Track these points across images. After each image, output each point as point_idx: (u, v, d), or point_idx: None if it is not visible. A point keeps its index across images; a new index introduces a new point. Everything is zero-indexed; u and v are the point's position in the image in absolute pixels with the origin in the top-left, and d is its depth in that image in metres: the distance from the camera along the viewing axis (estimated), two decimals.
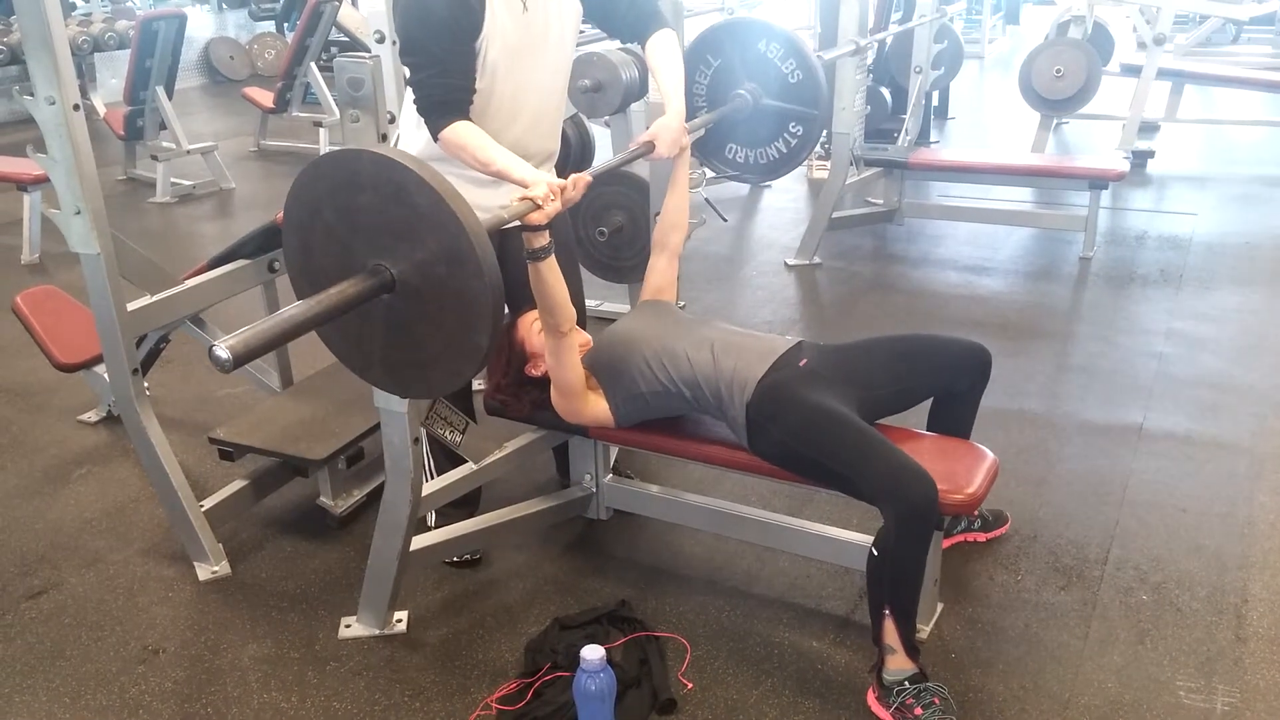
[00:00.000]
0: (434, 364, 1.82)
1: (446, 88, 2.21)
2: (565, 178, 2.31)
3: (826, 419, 2.16)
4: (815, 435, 2.16)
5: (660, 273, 2.64)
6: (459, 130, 2.22)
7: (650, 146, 2.47)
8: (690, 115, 2.85)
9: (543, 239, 2.12)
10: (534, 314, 2.43)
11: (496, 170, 2.22)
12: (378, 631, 2.39)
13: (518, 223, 2.10)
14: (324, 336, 1.89)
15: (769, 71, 2.88)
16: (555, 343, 2.27)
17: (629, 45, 3.52)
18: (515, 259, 2.32)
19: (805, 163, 4.62)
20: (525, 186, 2.10)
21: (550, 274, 2.18)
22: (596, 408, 2.37)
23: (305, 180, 1.78)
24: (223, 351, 1.51)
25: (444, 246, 1.66)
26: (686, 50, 2.96)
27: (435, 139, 2.24)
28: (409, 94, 2.30)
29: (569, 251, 2.77)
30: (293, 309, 1.64)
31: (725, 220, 4.89)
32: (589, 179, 2.20)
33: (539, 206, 2.05)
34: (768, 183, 6.01)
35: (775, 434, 2.21)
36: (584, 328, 2.54)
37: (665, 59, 2.51)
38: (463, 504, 2.62)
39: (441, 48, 2.18)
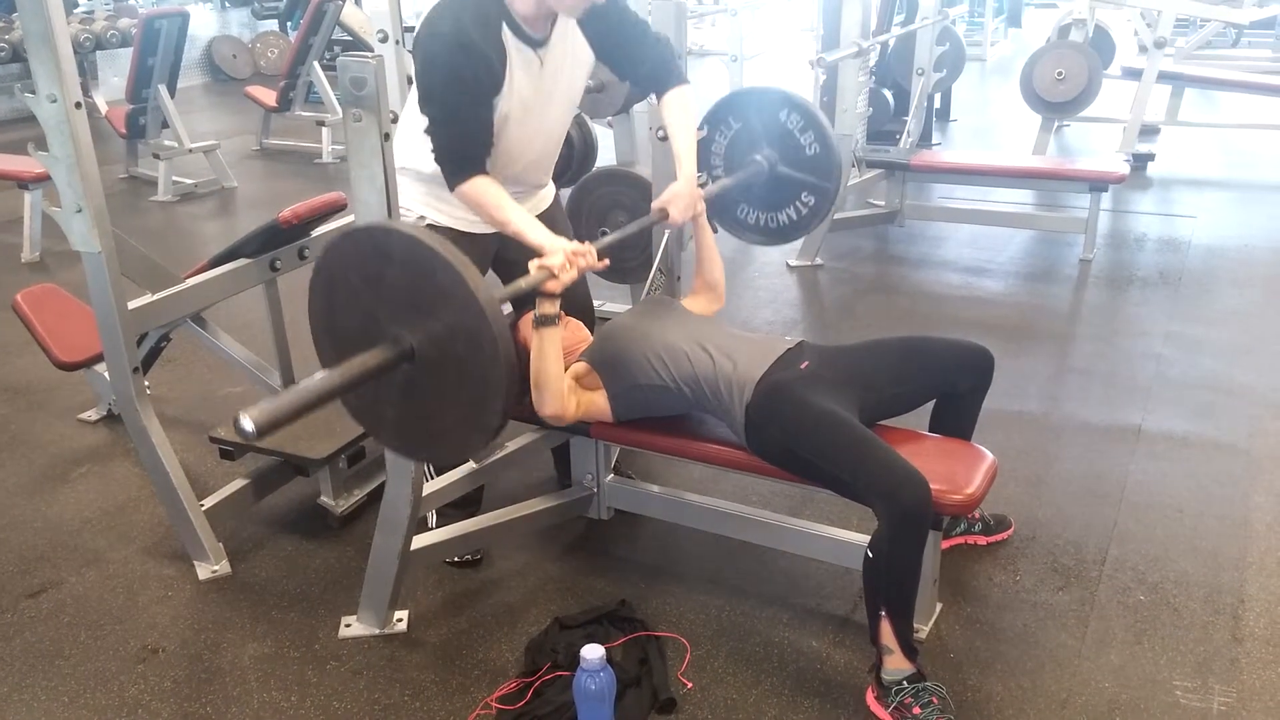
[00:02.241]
0: (445, 436, 1.87)
1: (465, 144, 2.25)
2: (565, 181, 2.33)
3: (823, 421, 2.16)
4: (812, 437, 2.16)
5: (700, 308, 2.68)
6: (477, 185, 2.25)
7: (664, 214, 2.48)
8: (707, 173, 2.93)
9: (554, 306, 2.15)
10: (531, 312, 2.45)
11: (513, 231, 2.26)
12: (378, 631, 2.39)
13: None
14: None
15: (787, 141, 2.91)
16: (537, 396, 2.26)
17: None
18: (522, 257, 2.35)
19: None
20: (541, 251, 2.16)
21: (552, 345, 2.19)
22: (594, 405, 2.37)
23: (337, 246, 1.84)
24: (246, 423, 1.54)
25: (465, 329, 1.72)
26: (709, 112, 3.00)
27: (451, 190, 2.28)
28: (412, 97, 2.32)
29: None
30: (315, 380, 1.69)
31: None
32: (605, 262, 2.23)
33: (555, 275, 2.09)
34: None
35: (773, 435, 2.22)
36: (591, 329, 2.55)
37: (679, 120, 2.52)
38: (463, 504, 2.63)
39: (462, 105, 2.22)
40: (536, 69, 2.32)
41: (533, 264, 2.12)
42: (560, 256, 2.10)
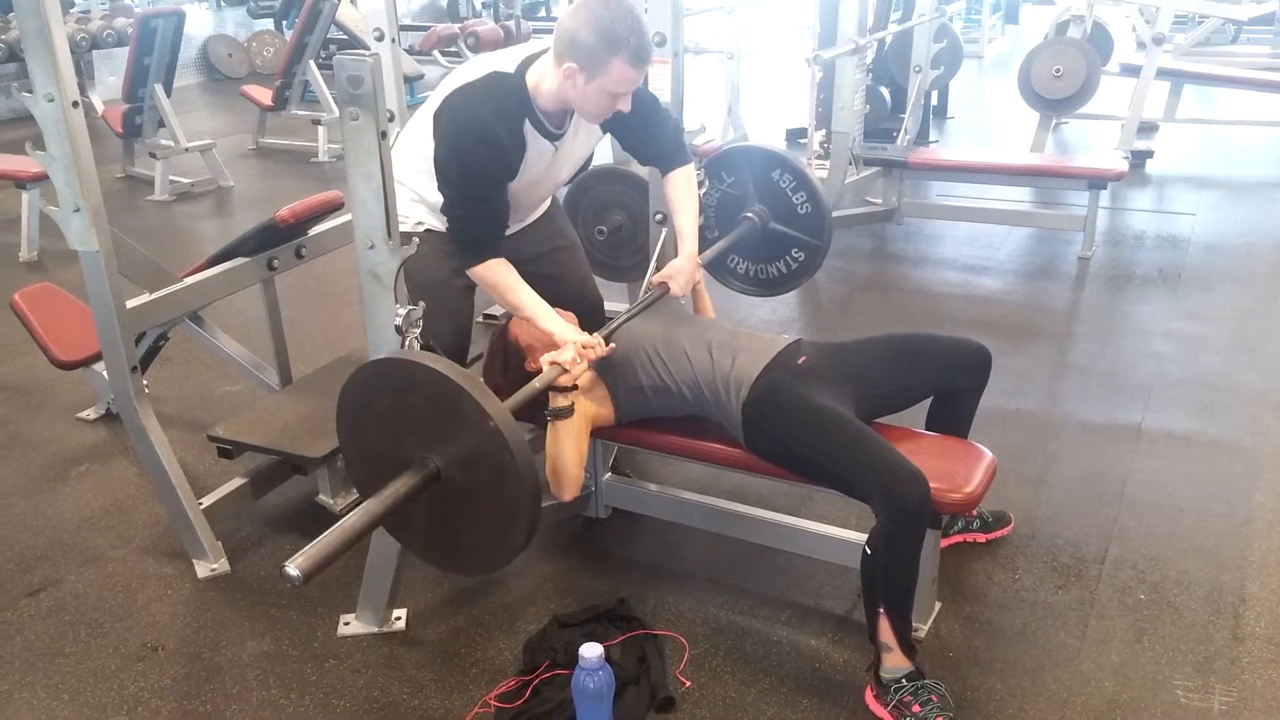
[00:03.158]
0: (471, 552, 1.94)
1: (482, 229, 2.32)
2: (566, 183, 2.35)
3: (821, 417, 2.16)
4: (810, 434, 2.16)
5: None
6: (491, 269, 2.32)
7: (665, 288, 2.52)
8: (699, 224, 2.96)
9: (567, 399, 2.19)
10: None
11: (526, 315, 2.33)
12: (376, 629, 2.39)
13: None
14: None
15: (779, 199, 3.00)
16: (555, 486, 2.27)
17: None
18: (525, 255, 2.36)
19: (804, 161, 4.64)
20: (552, 339, 2.24)
21: (567, 436, 2.22)
22: (598, 417, 2.37)
23: (363, 375, 1.91)
24: (293, 570, 1.64)
25: (489, 457, 1.78)
26: (704, 166, 3.05)
27: (466, 270, 2.36)
28: (418, 130, 2.34)
29: (577, 251, 2.80)
30: (353, 519, 1.77)
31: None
32: (612, 346, 2.29)
33: (566, 370, 2.13)
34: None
35: (771, 432, 2.22)
36: (600, 324, 2.56)
37: (682, 198, 2.58)
38: None
39: (479, 195, 2.28)
40: (550, 156, 2.39)
41: (544, 359, 2.18)
42: (571, 350, 2.16)
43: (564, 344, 2.20)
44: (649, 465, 2.96)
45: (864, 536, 2.10)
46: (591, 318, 2.60)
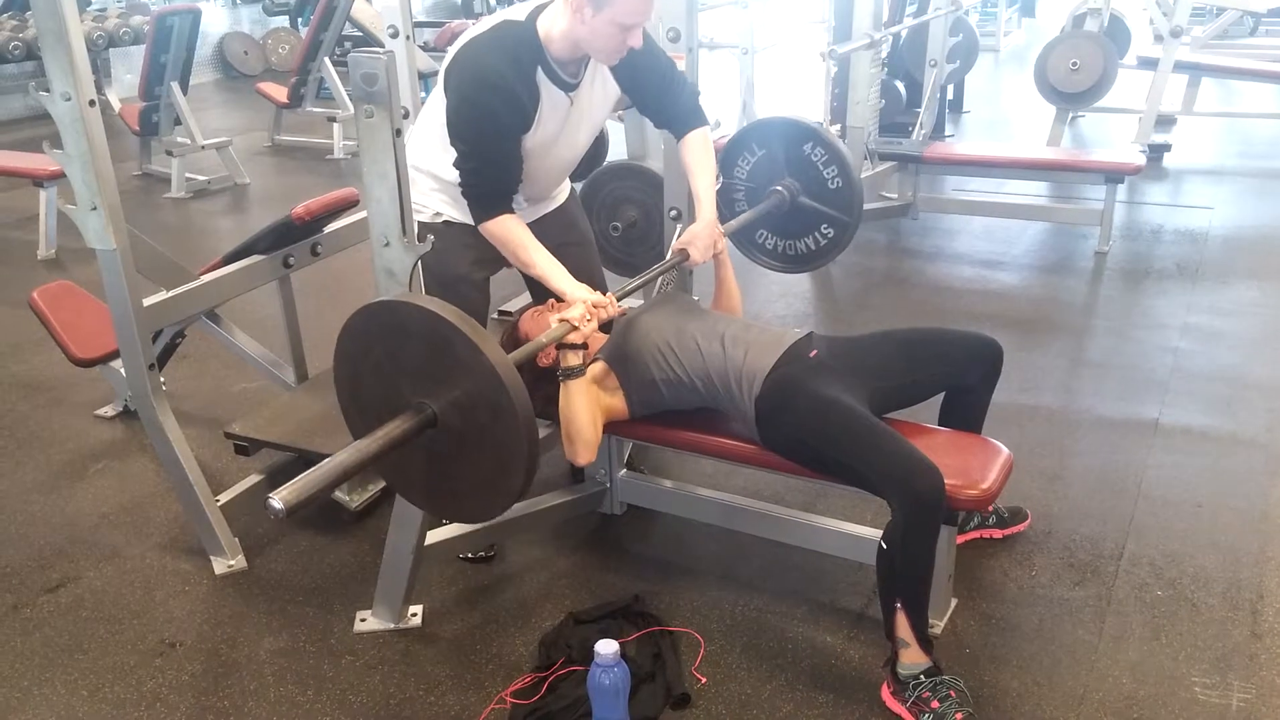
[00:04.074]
0: (469, 496, 1.92)
1: (494, 183, 2.30)
2: (576, 175, 2.33)
3: (834, 411, 2.16)
4: (823, 427, 2.16)
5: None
6: (504, 224, 2.31)
7: (685, 255, 2.50)
8: (728, 197, 3.00)
9: (577, 358, 2.18)
10: (535, 308, 2.46)
11: (537, 273, 2.32)
12: (393, 626, 2.40)
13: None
14: None
15: (810, 173, 2.97)
16: (570, 448, 2.27)
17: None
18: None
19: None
20: (563, 298, 2.23)
21: (579, 395, 2.21)
22: (613, 409, 2.37)
23: (358, 321, 1.89)
24: (277, 503, 1.61)
25: (486, 400, 1.76)
26: (734, 137, 3.07)
27: (477, 226, 2.34)
28: (433, 105, 2.32)
29: (589, 247, 2.80)
30: (342, 455, 1.73)
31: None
32: (623, 308, 2.29)
33: (576, 327, 2.12)
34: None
35: (785, 427, 2.21)
36: (608, 328, 2.56)
37: (698, 161, 2.54)
38: None
39: (492, 146, 2.26)
40: (565, 109, 2.36)
41: (553, 318, 2.17)
42: (580, 308, 2.15)
43: (574, 302, 2.20)
44: (664, 462, 2.96)
45: (879, 532, 2.09)
46: None
